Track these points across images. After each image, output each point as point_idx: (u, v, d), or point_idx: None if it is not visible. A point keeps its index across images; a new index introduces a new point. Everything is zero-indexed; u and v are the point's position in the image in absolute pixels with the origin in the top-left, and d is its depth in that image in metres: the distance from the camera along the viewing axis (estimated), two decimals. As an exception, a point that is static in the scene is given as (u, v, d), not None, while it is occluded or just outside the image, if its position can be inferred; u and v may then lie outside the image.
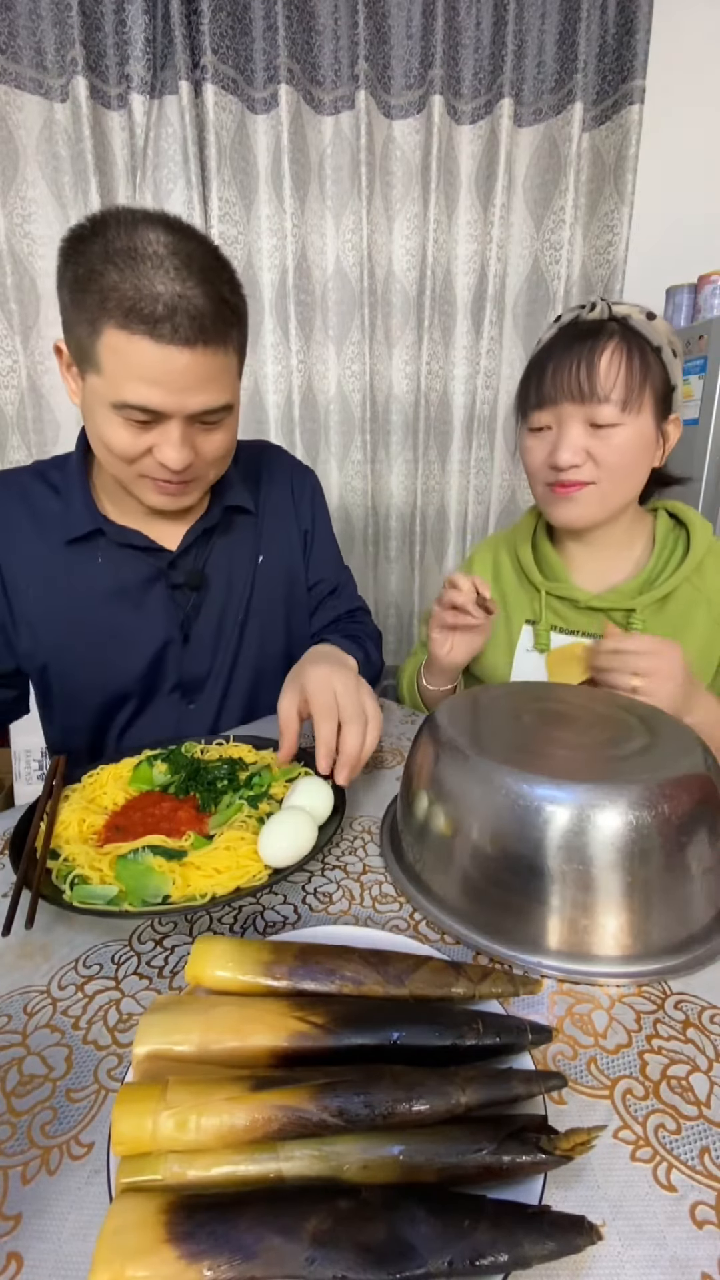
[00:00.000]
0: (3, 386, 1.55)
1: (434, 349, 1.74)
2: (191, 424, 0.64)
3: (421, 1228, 0.26)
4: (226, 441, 0.69)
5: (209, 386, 0.62)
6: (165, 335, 0.57)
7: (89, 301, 0.57)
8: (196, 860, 0.50)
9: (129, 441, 0.63)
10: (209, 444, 0.67)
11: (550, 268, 1.69)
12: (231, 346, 0.64)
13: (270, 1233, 0.25)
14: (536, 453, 0.77)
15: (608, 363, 0.68)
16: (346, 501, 1.86)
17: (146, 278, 0.56)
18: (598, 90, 1.61)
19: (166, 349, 0.57)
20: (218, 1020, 0.33)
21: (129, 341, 0.57)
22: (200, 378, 0.60)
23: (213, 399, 0.63)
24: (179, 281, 0.57)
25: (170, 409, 0.61)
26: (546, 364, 0.72)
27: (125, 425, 0.62)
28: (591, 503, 0.74)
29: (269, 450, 0.95)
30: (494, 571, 0.92)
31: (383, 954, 0.39)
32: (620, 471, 0.73)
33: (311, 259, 1.67)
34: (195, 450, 0.66)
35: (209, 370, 0.61)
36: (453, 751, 0.50)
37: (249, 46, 1.53)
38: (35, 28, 1.43)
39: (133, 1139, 0.29)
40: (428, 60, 1.57)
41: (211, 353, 0.60)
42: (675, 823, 0.42)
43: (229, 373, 0.65)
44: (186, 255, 0.58)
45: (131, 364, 0.58)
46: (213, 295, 0.59)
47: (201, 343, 0.58)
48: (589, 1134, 0.29)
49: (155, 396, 0.59)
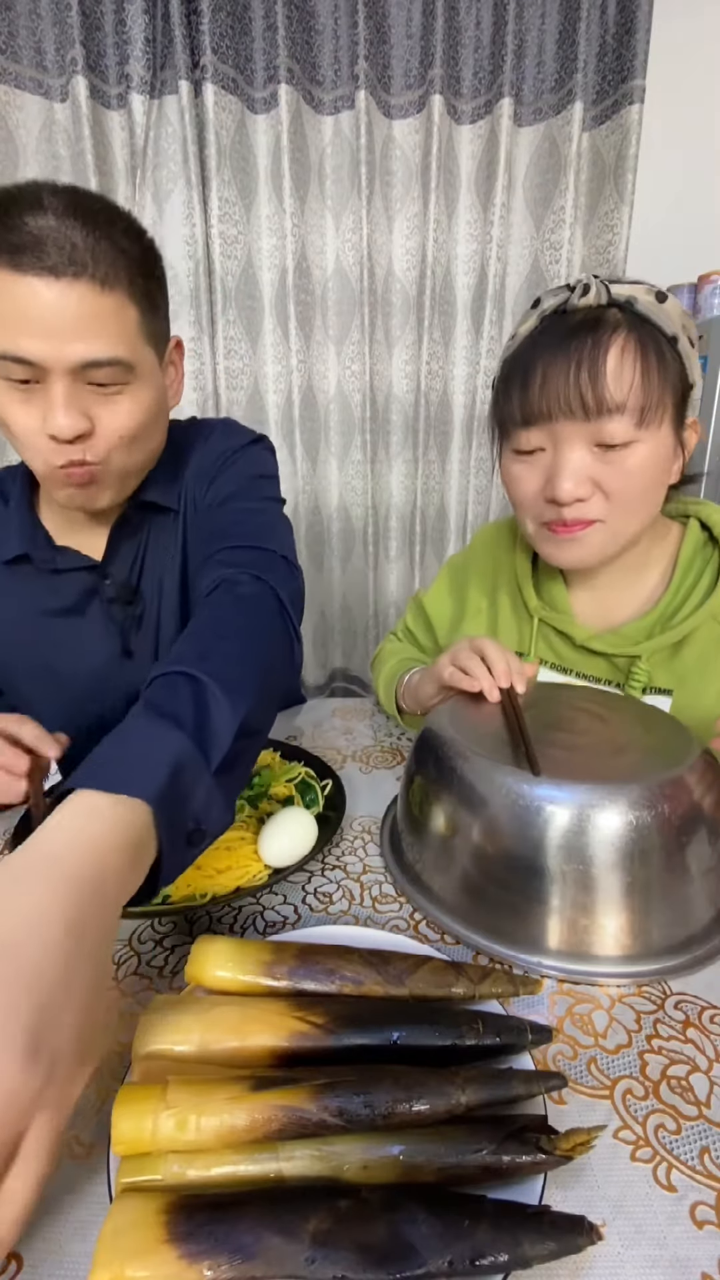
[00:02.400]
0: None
1: (434, 349, 1.74)
2: (80, 384, 0.54)
3: (421, 1228, 0.26)
4: (135, 416, 0.59)
5: (91, 331, 0.52)
6: (28, 265, 0.49)
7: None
8: (197, 860, 0.50)
9: (20, 416, 0.55)
10: (109, 416, 0.57)
11: (550, 268, 1.69)
12: (123, 292, 0.54)
13: (270, 1233, 0.25)
14: (527, 482, 0.61)
15: (617, 364, 0.53)
16: (346, 501, 1.86)
17: (18, 215, 0.49)
18: (598, 90, 1.61)
19: (29, 280, 0.49)
20: (218, 1020, 0.33)
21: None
22: (76, 318, 0.51)
23: (98, 349, 0.53)
24: (54, 217, 0.50)
25: (44, 358, 0.52)
26: (533, 367, 0.56)
27: (9, 392, 0.54)
28: (598, 542, 0.60)
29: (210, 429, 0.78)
30: (489, 586, 0.79)
31: (383, 954, 0.39)
32: (634, 504, 0.58)
33: (311, 259, 1.67)
34: (92, 422, 0.56)
35: (87, 310, 0.52)
36: (453, 751, 0.50)
37: (249, 46, 1.53)
38: (35, 27, 1.43)
39: (133, 1139, 0.29)
40: (428, 60, 1.57)
41: (90, 290, 0.51)
42: (675, 823, 0.42)
43: (122, 322, 0.55)
44: (73, 200, 0.51)
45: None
46: (95, 233, 0.51)
47: (72, 274, 0.50)
48: (589, 1134, 0.29)
49: (24, 341, 0.51)
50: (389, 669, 0.82)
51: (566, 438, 0.56)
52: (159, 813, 0.34)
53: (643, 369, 0.53)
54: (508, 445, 0.63)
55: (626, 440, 0.55)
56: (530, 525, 0.64)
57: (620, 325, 0.54)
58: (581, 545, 0.60)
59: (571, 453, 0.56)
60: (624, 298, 0.55)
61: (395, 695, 0.78)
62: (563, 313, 0.57)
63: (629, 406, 0.53)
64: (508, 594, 0.76)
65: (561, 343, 0.55)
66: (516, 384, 0.58)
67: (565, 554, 0.62)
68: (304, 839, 0.52)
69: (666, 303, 0.55)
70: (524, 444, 0.60)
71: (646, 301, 0.55)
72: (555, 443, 0.58)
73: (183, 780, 0.37)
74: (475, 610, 0.80)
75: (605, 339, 0.53)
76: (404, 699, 0.76)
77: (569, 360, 0.54)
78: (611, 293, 0.55)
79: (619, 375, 0.53)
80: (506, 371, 0.61)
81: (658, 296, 0.55)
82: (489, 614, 0.78)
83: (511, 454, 0.62)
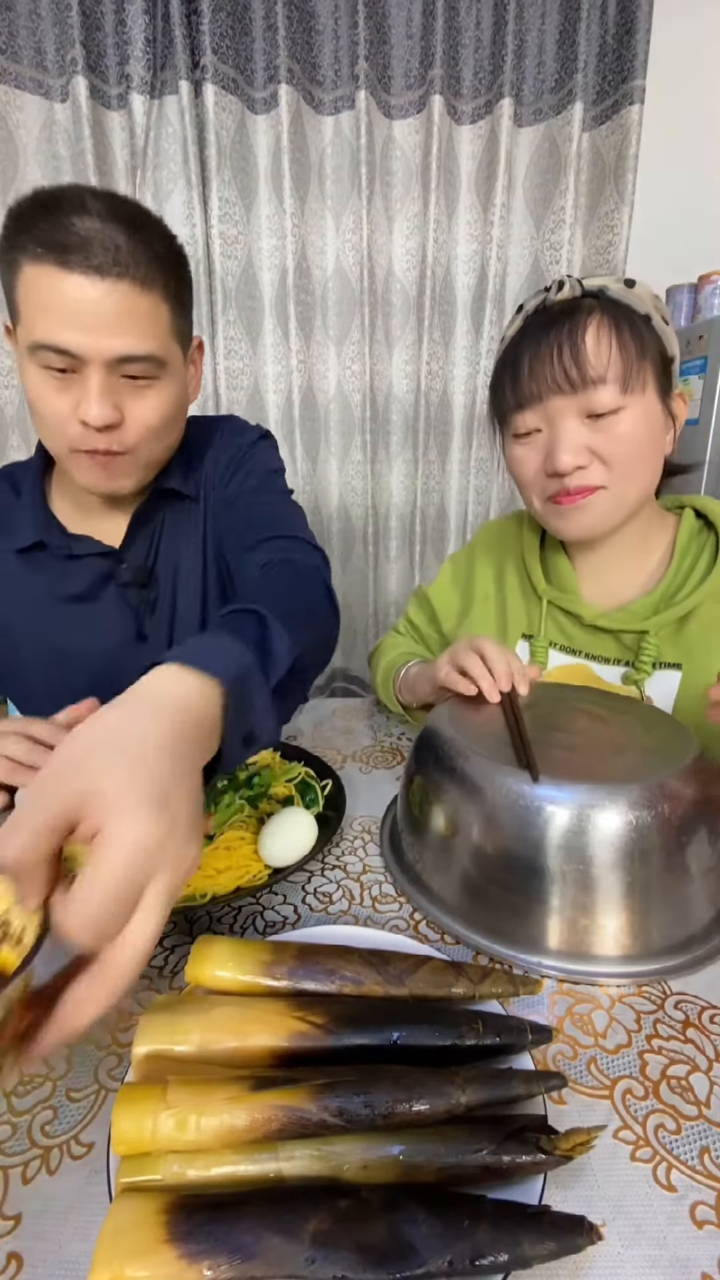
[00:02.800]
0: (3, 386, 1.55)
1: (434, 349, 1.74)
2: (114, 376, 0.59)
3: (421, 1228, 0.26)
4: (160, 409, 0.63)
5: (128, 328, 0.57)
6: (76, 264, 0.54)
7: (13, 245, 0.56)
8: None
9: (52, 401, 0.59)
10: (139, 408, 0.61)
11: (550, 268, 1.69)
12: (159, 293, 0.59)
13: (270, 1233, 0.25)
14: (528, 462, 0.65)
15: (595, 339, 0.58)
16: (346, 501, 1.86)
17: (65, 216, 0.54)
18: (598, 90, 1.61)
19: (76, 279, 0.54)
20: (218, 1020, 0.33)
21: (39, 273, 0.54)
22: (116, 315, 0.56)
23: (134, 344, 0.57)
24: (98, 220, 0.54)
25: (84, 350, 0.56)
26: (521, 357, 0.62)
27: (45, 379, 0.58)
28: (603, 509, 0.63)
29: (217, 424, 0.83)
30: (496, 572, 0.81)
31: (383, 954, 0.39)
32: (632, 466, 0.61)
33: (311, 259, 1.67)
34: (123, 414, 0.60)
35: (127, 308, 0.56)
36: (453, 751, 0.50)
37: (249, 46, 1.53)
38: (35, 28, 1.43)
39: (133, 1139, 0.29)
40: (428, 60, 1.57)
41: (131, 290, 0.56)
42: (675, 823, 0.42)
43: (156, 321, 0.59)
44: (113, 204, 0.56)
45: (43, 298, 0.55)
46: (136, 237, 0.56)
47: (115, 274, 0.55)
48: (589, 1134, 0.29)
49: (66, 335, 0.55)
50: (388, 660, 0.83)
51: (559, 413, 0.61)
52: (229, 699, 0.37)
53: (619, 342, 0.58)
54: (508, 432, 0.67)
55: (614, 407, 0.59)
56: (537, 502, 0.68)
57: (594, 309, 0.59)
58: (587, 512, 0.64)
59: (565, 424, 0.61)
60: (595, 288, 0.61)
61: (394, 687, 0.79)
62: (542, 309, 0.63)
63: (610, 376, 0.58)
64: (516, 579, 0.79)
65: (543, 332, 0.61)
66: (508, 375, 0.64)
67: (572, 524, 0.65)
68: (304, 839, 0.52)
69: (635, 287, 0.61)
70: (521, 427, 0.65)
71: (617, 289, 0.60)
72: (549, 420, 0.62)
73: (247, 685, 0.40)
74: (483, 597, 0.81)
75: (582, 321, 0.59)
76: (401, 692, 0.77)
77: (551, 344, 0.59)
78: (585, 285, 0.61)
79: (598, 349, 0.58)
80: (499, 366, 0.67)
81: (626, 283, 0.61)
82: (497, 600, 0.80)
83: (512, 439, 0.67)
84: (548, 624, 0.73)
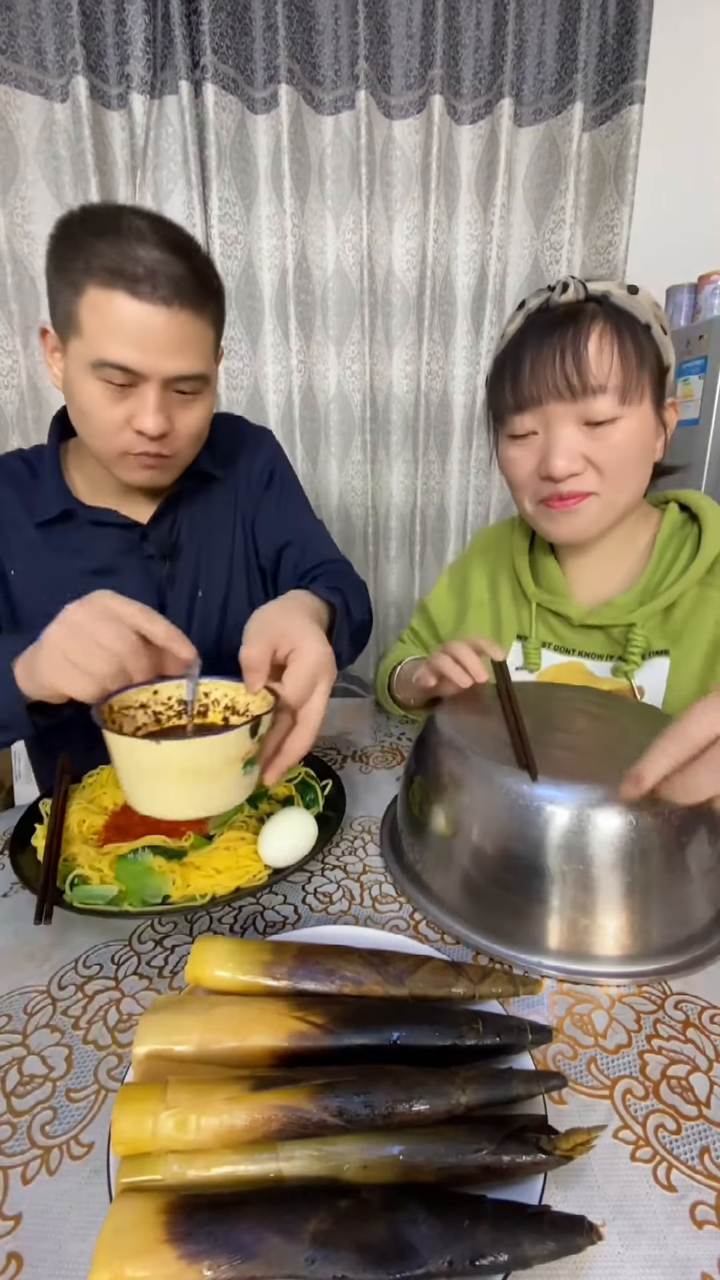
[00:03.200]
0: (3, 386, 1.55)
1: (434, 349, 1.74)
2: (168, 391, 0.65)
3: (421, 1228, 0.26)
4: (203, 418, 0.71)
5: (186, 351, 0.64)
6: (145, 293, 0.59)
7: (74, 267, 0.60)
8: (196, 860, 0.51)
9: (108, 410, 0.64)
10: (186, 417, 0.68)
11: (550, 268, 1.69)
12: (208, 318, 0.65)
13: (270, 1233, 0.25)
14: (523, 463, 0.66)
15: (597, 348, 0.58)
16: (346, 501, 1.86)
17: (129, 244, 0.59)
18: (598, 90, 1.61)
19: (145, 306, 0.60)
20: (218, 1020, 0.33)
21: (109, 299, 0.59)
22: (177, 340, 0.62)
23: (189, 364, 0.64)
24: (159, 250, 0.60)
25: (147, 369, 0.62)
26: (522, 358, 0.62)
27: (104, 391, 0.63)
28: (593, 514, 0.64)
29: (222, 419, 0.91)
30: (490, 578, 0.84)
31: (383, 954, 0.39)
32: (624, 474, 0.63)
33: (311, 259, 1.67)
34: (172, 423, 0.67)
35: (186, 334, 0.63)
36: (453, 751, 0.50)
37: (249, 46, 1.53)
38: (35, 28, 1.43)
39: (133, 1139, 0.29)
40: (428, 60, 1.57)
41: (189, 317, 0.62)
42: (675, 823, 0.42)
43: (205, 343, 0.66)
44: (166, 233, 0.62)
45: (111, 321, 0.60)
46: (191, 267, 0.62)
47: (178, 303, 0.61)
48: (589, 1134, 0.29)
49: (133, 355, 0.61)
50: (388, 660, 0.87)
51: (556, 418, 0.61)
52: (336, 616, 0.64)
53: (620, 352, 0.59)
54: (503, 431, 0.68)
55: (611, 417, 0.60)
56: (528, 504, 0.69)
57: (598, 315, 0.59)
58: (578, 516, 0.65)
59: (562, 430, 0.61)
60: (599, 293, 0.61)
61: (390, 685, 0.83)
62: (545, 310, 0.63)
63: (610, 386, 0.59)
64: (507, 583, 0.81)
65: (546, 334, 0.61)
66: (508, 375, 0.64)
67: (563, 528, 0.67)
68: (304, 839, 0.52)
69: (638, 295, 0.61)
70: (518, 428, 0.65)
71: (620, 295, 0.60)
72: (547, 424, 0.62)
73: (339, 621, 0.66)
74: (478, 603, 0.83)
75: (585, 327, 0.59)
76: (398, 690, 0.81)
77: (554, 348, 0.59)
78: (589, 289, 0.61)
79: (599, 358, 0.58)
80: (499, 364, 0.66)
81: (629, 290, 0.61)
82: (491, 605, 0.82)
83: (507, 439, 0.67)
84: (539, 625, 0.75)
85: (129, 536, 0.78)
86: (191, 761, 0.43)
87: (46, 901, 0.45)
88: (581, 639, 0.73)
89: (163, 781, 0.44)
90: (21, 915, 0.49)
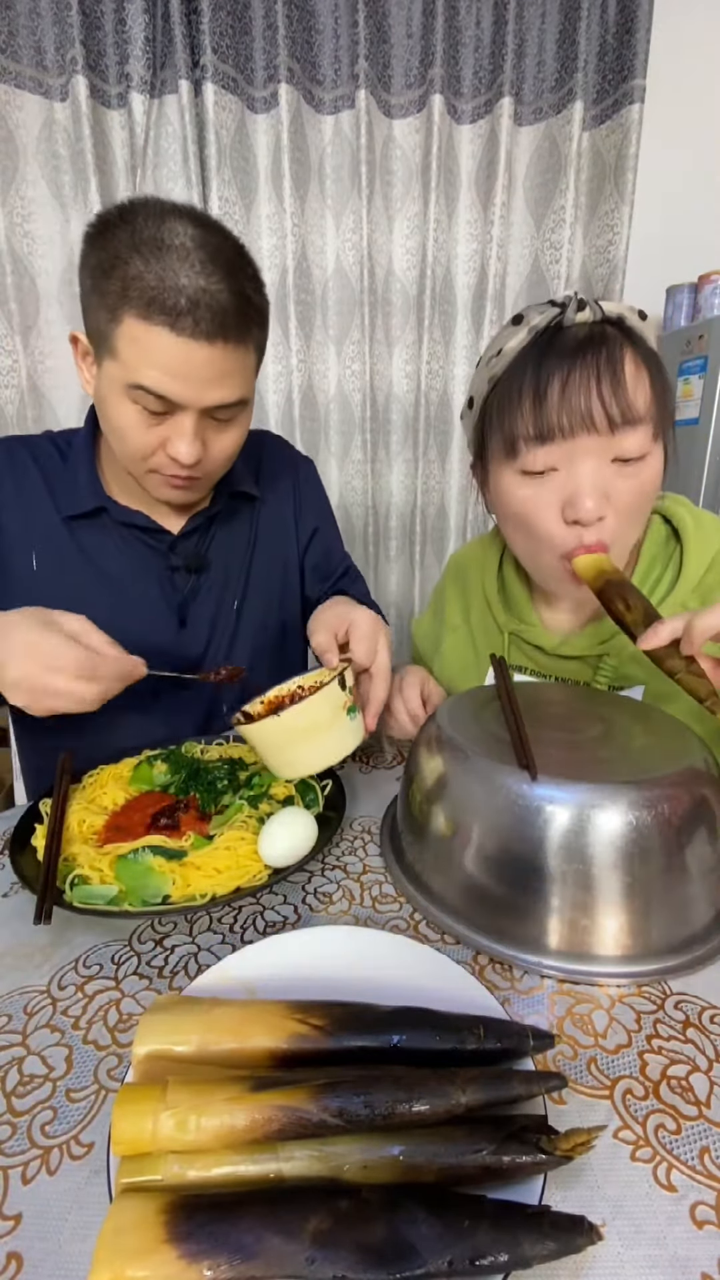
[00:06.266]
0: (3, 386, 1.55)
1: (434, 348, 1.74)
2: (205, 418, 0.63)
3: (421, 1228, 0.26)
4: (237, 439, 0.69)
5: (226, 382, 0.61)
6: (186, 329, 0.56)
7: (111, 288, 0.57)
8: (197, 860, 0.51)
9: (142, 433, 0.63)
10: (221, 441, 0.67)
11: (550, 267, 1.69)
12: (251, 344, 0.63)
13: (270, 1233, 0.25)
14: (546, 508, 0.56)
15: (634, 378, 0.52)
16: (346, 501, 1.86)
17: (171, 269, 0.55)
18: (598, 89, 1.61)
19: (186, 343, 0.57)
20: (218, 1021, 0.34)
21: (148, 332, 0.56)
22: (218, 373, 0.60)
23: (229, 394, 0.62)
24: (203, 275, 0.56)
25: (186, 400, 0.60)
26: (546, 382, 0.53)
27: (139, 415, 0.61)
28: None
29: (267, 438, 0.93)
30: (463, 603, 0.81)
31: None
32: (639, 518, 0.57)
33: (311, 258, 1.67)
34: (206, 446, 0.65)
35: (227, 366, 0.60)
36: (453, 751, 0.50)
37: (249, 46, 1.53)
38: (35, 27, 1.43)
39: (133, 1139, 0.29)
40: (428, 59, 1.57)
41: (231, 349, 0.60)
42: (675, 823, 0.42)
43: (247, 369, 0.64)
44: (213, 249, 0.57)
45: (149, 354, 0.57)
46: (236, 291, 0.58)
47: (221, 339, 0.58)
48: (589, 1134, 0.29)
49: (172, 387, 0.59)
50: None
51: (584, 453, 0.54)
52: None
53: (652, 381, 0.54)
54: (510, 466, 0.58)
55: (642, 453, 0.54)
56: (550, 558, 0.59)
57: (624, 340, 0.53)
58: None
59: (590, 467, 0.54)
60: (615, 315, 0.55)
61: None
62: (559, 328, 0.55)
63: (647, 417, 0.53)
64: (479, 611, 0.78)
65: (572, 358, 0.53)
66: (527, 400, 0.54)
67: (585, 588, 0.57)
68: (304, 839, 0.52)
69: (648, 320, 0.56)
70: (535, 463, 0.56)
71: (635, 321, 0.55)
72: (571, 459, 0.54)
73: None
74: (452, 628, 0.82)
75: (619, 352, 0.52)
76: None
77: (586, 373, 0.52)
78: (605, 310, 0.55)
79: (637, 387, 0.53)
80: (506, 389, 0.57)
81: (640, 315, 0.56)
82: (465, 630, 0.80)
83: (516, 476, 0.58)
84: (513, 651, 0.72)
85: (157, 545, 0.77)
86: (307, 719, 0.53)
87: (46, 901, 0.45)
88: (556, 665, 0.69)
89: (294, 744, 0.55)
90: (21, 915, 0.49)
